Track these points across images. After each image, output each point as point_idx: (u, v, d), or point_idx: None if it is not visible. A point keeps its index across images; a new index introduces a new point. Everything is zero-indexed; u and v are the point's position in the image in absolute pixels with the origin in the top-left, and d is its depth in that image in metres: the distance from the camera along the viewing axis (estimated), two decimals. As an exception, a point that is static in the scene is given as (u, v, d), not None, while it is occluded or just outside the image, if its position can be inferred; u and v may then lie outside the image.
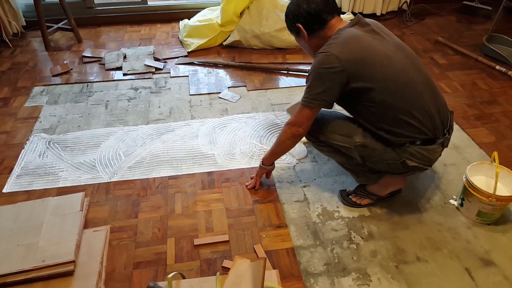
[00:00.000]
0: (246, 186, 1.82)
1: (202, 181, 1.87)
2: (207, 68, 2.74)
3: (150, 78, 2.62)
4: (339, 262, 1.51)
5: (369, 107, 1.43)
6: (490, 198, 1.57)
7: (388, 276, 1.46)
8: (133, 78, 2.62)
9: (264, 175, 1.82)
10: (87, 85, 2.55)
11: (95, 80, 2.58)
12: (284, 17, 2.80)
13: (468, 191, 1.64)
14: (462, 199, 1.71)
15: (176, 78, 2.63)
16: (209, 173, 1.91)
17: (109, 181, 1.84)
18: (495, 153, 1.63)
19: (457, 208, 1.75)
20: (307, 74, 1.49)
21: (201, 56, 2.88)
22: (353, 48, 1.37)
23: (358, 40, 1.39)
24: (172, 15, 3.35)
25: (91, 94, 2.46)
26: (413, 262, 1.51)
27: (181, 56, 2.84)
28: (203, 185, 1.84)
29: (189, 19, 3.23)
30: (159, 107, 2.36)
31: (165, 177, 1.88)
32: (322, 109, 1.51)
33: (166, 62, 2.78)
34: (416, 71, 1.44)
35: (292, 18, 1.50)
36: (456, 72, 2.74)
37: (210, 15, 3.07)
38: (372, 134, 1.50)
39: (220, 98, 2.44)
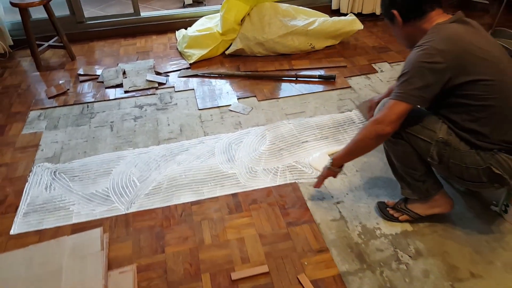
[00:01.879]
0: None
1: (227, 204, 1.71)
2: (212, 80, 2.58)
3: (154, 94, 2.45)
4: (391, 286, 1.38)
5: (466, 104, 1.30)
6: None
7: None
8: (136, 95, 2.43)
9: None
10: (87, 106, 2.35)
11: (95, 100, 2.39)
12: (286, 22, 2.75)
13: (514, 197, 1.54)
14: (506, 205, 1.60)
15: (182, 92, 2.46)
16: (234, 195, 1.75)
17: (127, 212, 1.66)
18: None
19: (499, 214, 1.64)
20: (404, 67, 1.31)
21: (204, 67, 2.71)
22: (456, 44, 1.25)
23: (461, 36, 1.27)
24: (167, 26, 3.17)
25: (93, 115, 2.27)
26: (467, 279, 1.39)
27: (183, 69, 2.67)
28: (229, 209, 1.69)
29: (185, 28, 3.07)
30: (168, 125, 2.19)
31: (187, 203, 1.71)
32: None
33: (168, 75, 2.61)
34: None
35: (389, 3, 1.39)
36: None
37: (208, 24, 2.91)
38: (457, 135, 1.36)
39: (231, 111, 2.29)
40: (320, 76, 2.53)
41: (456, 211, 1.64)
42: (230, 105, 2.33)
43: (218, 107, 2.32)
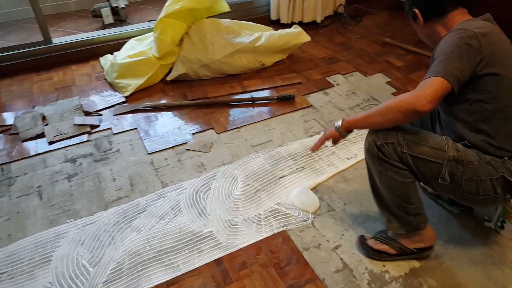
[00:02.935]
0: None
1: (212, 277, 1.41)
2: (156, 113, 2.23)
3: (88, 141, 2.03)
4: None
5: (483, 102, 1.23)
6: None
7: None
8: (64, 145, 1.99)
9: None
10: (2, 169, 1.86)
11: (11, 160, 1.90)
12: (231, 40, 2.50)
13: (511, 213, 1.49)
14: (503, 222, 1.55)
15: (122, 134, 2.08)
16: (217, 261, 1.46)
17: (83, 313, 1.28)
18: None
19: (495, 230, 1.58)
20: (439, 49, 1.23)
21: (143, 98, 2.35)
22: (490, 33, 1.23)
23: (492, 29, 1.26)
24: (88, 52, 2.72)
25: (11, 181, 1.79)
26: None
27: (118, 104, 2.28)
28: (216, 282, 1.39)
29: (111, 53, 2.66)
30: (114, 179, 1.81)
31: (161, 284, 1.38)
32: None
33: (101, 114, 2.20)
34: None
35: (411, 1, 1.39)
36: (417, 73, 2.65)
37: (140, 47, 2.54)
38: (467, 141, 1.29)
39: (189, 150, 1.97)
40: (278, 98, 2.32)
41: (454, 234, 1.56)
42: (186, 143, 2.01)
43: (172, 147, 1.99)
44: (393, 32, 3.20)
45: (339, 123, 1.36)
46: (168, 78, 2.46)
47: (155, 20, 2.99)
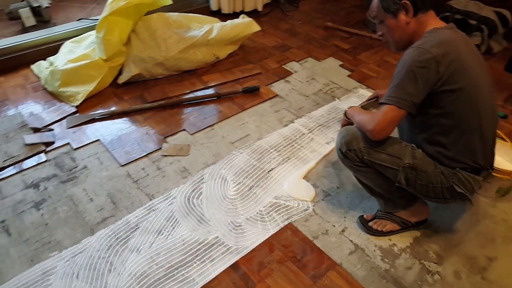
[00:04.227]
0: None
1: (233, 283, 1.37)
2: (116, 121, 2.06)
3: (46, 161, 1.81)
4: None
5: (440, 117, 1.31)
6: None
7: None
8: (19, 170, 1.76)
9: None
10: None
11: (-44, 195, 1.62)
12: (183, 35, 2.40)
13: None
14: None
15: (84, 148, 1.89)
16: (233, 266, 1.42)
17: None
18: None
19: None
20: (398, 67, 1.30)
21: (97, 106, 2.15)
22: (451, 51, 1.26)
23: (455, 43, 1.29)
24: (14, 61, 2.41)
25: (-35, 220, 1.53)
26: (489, 266, 1.48)
27: (69, 115, 2.06)
28: (239, 288, 1.35)
29: (44, 59, 2.39)
30: (91, 200, 1.64)
31: (182, 302, 1.30)
32: None
33: (53, 129, 1.97)
34: (488, 93, 1.35)
35: None
36: (364, 54, 2.81)
37: (80, 50, 2.32)
38: (424, 151, 1.38)
39: (166, 155, 1.87)
40: (244, 90, 2.30)
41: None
42: (160, 148, 1.90)
43: (146, 155, 1.87)
44: (331, 16, 3.34)
45: (344, 111, 1.57)
46: (120, 81, 2.29)
47: (86, 19, 2.79)
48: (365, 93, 2.34)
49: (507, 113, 2.19)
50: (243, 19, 2.68)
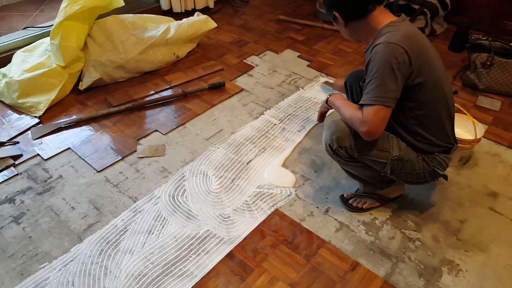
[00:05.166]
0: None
1: (232, 271, 1.43)
2: (84, 127, 2.03)
3: (17, 174, 1.76)
4: (425, 266, 1.50)
5: (414, 109, 1.41)
6: (472, 144, 1.82)
7: (462, 251, 1.55)
8: (-11, 185, 1.70)
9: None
10: None
11: None
12: (141, 36, 2.41)
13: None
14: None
15: (56, 158, 1.86)
16: (229, 256, 1.48)
17: None
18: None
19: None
20: (374, 66, 1.31)
21: (60, 114, 2.11)
22: (416, 44, 1.33)
23: (416, 36, 1.36)
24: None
25: None
26: (462, 227, 1.65)
27: (32, 126, 2.00)
28: (238, 275, 1.42)
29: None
30: (73, 208, 1.63)
31: (185, 294, 1.35)
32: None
33: (18, 142, 1.91)
34: (445, 77, 1.47)
35: (330, 4, 1.43)
36: (319, 44, 2.96)
37: (33, 59, 2.25)
38: (405, 141, 1.48)
39: (142, 157, 1.88)
40: (210, 87, 2.35)
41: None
42: (135, 151, 1.91)
43: (122, 158, 1.87)
44: (282, 9, 3.47)
45: (326, 98, 1.61)
46: (82, 87, 2.25)
47: (32, 27, 2.70)
48: (328, 81, 2.49)
49: (457, 89, 2.43)
50: (198, 17, 2.72)
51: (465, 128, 1.90)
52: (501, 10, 2.90)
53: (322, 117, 1.74)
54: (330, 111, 1.78)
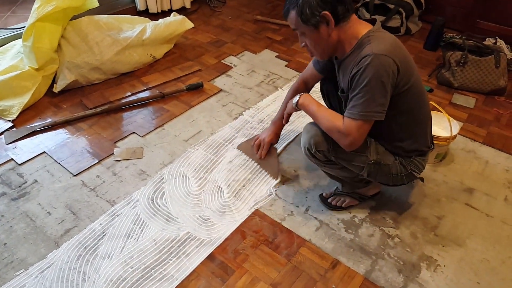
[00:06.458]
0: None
1: (212, 273, 1.45)
2: (59, 131, 2.01)
3: (-11, 180, 1.73)
4: (404, 263, 1.54)
5: (397, 115, 1.41)
6: (448, 141, 1.88)
7: (440, 247, 1.60)
8: (-42, 193, 1.66)
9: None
10: None
11: None
12: (116, 37, 2.39)
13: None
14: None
15: (30, 162, 1.83)
16: (209, 257, 1.50)
17: None
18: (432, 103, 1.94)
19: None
20: (363, 79, 1.28)
21: (34, 118, 2.08)
22: (399, 51, 1.32)
23: (398, 43, 1.35)
24: None
25: None
26: (439, 223, 1.70)
27: (6, 130, 1.97)
28: (219, 277, 1.43)
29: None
30: (49, 213, 1.61)
31: (165, 298, 1.35)
32: None
33: (-10, 147, 1.88)
34: (421, 80, 1.49)
35: (316, 5, 1.26)
36: (297, 44, 2.99)
37: (5, 62, 2.21)
38: (384, 147, 1.51)
39: (120, 160, 1.88)
40: (188, 88, 2.36)
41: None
42: (112, 153, 1.90)
43: (99, 162, 1.86)
44: (259, 9, 3.50)
45: (296, 100, 1.53)
46: (56, 89, 2.22)
47: (3, 29, 2.65)
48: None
49: (432, 87, 2.51)
50: (175, 17, 2.72)
51: (441, 125, 1.96)
52: (474, 9, 3.00)
53: (288, 118, 1.70)
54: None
